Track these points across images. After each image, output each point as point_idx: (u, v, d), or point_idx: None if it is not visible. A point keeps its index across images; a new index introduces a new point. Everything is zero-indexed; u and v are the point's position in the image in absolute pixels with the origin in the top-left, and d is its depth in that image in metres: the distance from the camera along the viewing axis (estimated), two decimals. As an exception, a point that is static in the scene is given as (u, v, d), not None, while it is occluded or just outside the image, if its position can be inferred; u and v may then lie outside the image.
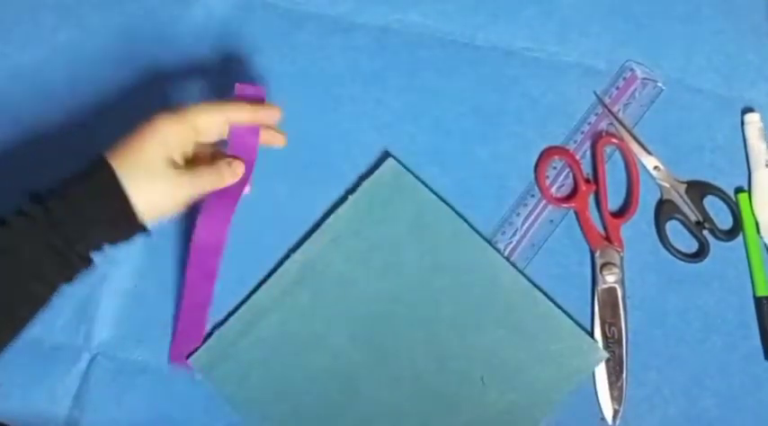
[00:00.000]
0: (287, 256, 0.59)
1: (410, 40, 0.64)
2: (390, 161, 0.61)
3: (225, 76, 0.63)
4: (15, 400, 0.56)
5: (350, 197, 0.60)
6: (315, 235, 0.59)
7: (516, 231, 0.60)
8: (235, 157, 0.53)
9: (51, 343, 0.57)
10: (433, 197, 0.60)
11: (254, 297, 0.58)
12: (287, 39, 0.64)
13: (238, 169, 0.53)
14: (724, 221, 0.61)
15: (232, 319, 0.58)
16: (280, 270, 0.59)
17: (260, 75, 0.63)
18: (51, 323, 0.57)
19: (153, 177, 0.48)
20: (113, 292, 0.58)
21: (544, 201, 0.61)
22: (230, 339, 0.57)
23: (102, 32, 0.64)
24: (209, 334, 0.57)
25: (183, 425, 0.56)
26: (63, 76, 0.63)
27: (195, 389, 0.57)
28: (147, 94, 0.63)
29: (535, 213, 0.61)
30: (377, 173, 0.60)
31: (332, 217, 0.59)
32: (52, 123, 0.62)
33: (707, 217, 0.60)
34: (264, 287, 0.58)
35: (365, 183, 0.60)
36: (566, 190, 0.62)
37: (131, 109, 0.61)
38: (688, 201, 0.61)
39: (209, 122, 0.51)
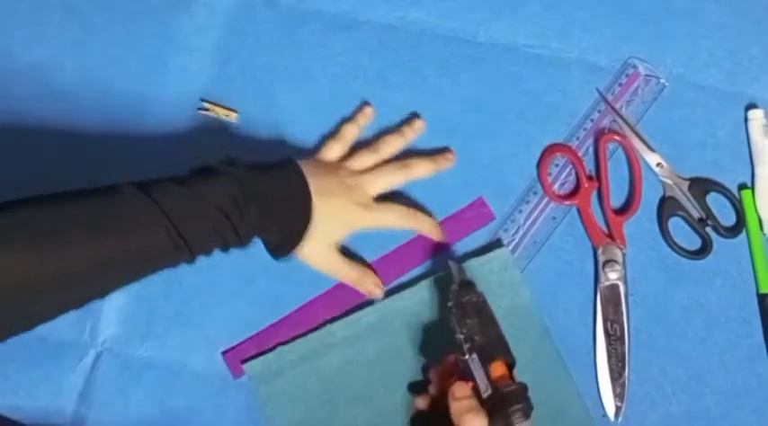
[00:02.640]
0: (371, 301, 0.58)
1: (412, 38, 0.64)
2: (504, 250, 0.59)
3: (228, 74, 0.64)
4: (22, 396, 0.57)
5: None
6: (404, 293, 0.58)
7: (519, 228, 0.60)
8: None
9: (57, 340, 0.58)
10: (530, 302, 0.58)
11: (327, 327, 0.57)
12: (289, 36, 0.65)
13: (377, 291, 0.58)
14: (727, 218, 0.61)
15: (299, 341, 0.57)
16: (360, 313, 0.58)
17: (263, 72, 0.64)
18: (57, 319, 0.58)
19: (323, 242, 0.55)
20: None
21: (546, 198, 0.61)
22: (290, 360, 0.57)
23: (107, 31, 0.64)
24: (273, 347, 0.57)
25: (189, 421, 0.57)
26: (68, 75, 0.63)
27: (201, 385, 0.57)
28: (152, 92, 0.63)
29: (537, 210, 0.61)
30: (487, 256, 0.58)
31: (425, 281, 0.58)
32: (57, 122, 0.62)
33: (710, 214, 0.60)
34: (340, 322, 0.58)
35: (471, 261, 0.58)
36: (568, 188, 0.62)
37: (136, 107, 0.63)
38: (691, 198, 0.60)
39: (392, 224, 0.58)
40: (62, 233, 0.44)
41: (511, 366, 0.48)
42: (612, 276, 0.59)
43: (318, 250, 0.55)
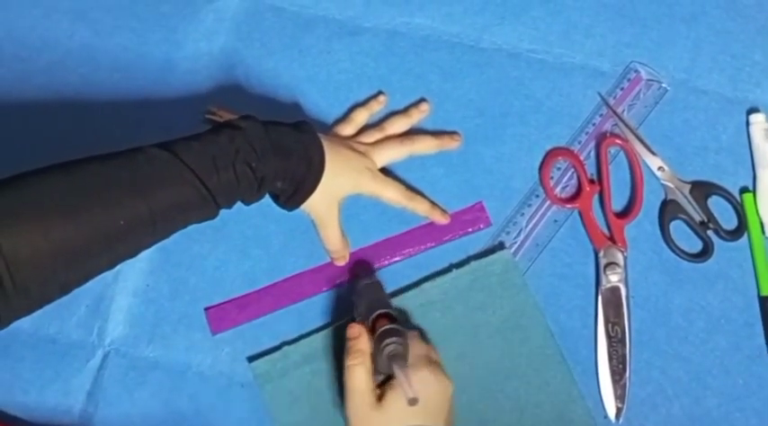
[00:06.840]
0: None
1: (416, 43, 0.65)
2: (506, 252, 0.59)
3: (234, 79, 0.65)
4: (31, 395, 0.57)
5: (454, 270, 0.59)
6: (407, 294, 0.58)
7: (521, 231, 0.61)
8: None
9: (66, 340, 0.59)
10: (534, 304, 0.58)
11: (332, 328, 0.58)
12: (295, 42, 0.65)
13: (341, 263, 0.60)
14: (728, 221, 0.61)
15: (304, 341, 0.58)
16: None
17: (268, 77, 0.64)
18: (66, 320, 0.59)
19: (329, 194, 0.55)
20: (126, 290, 0.60)
21: (548, 202, 0.62)
22: (295, 360, 0.57)
23: (115, 36, 0.66)
24: (278, 347, 0.58)
25: (194, 421, 0.57)
26: (77, 80, 0.64)
27: (206, 385, 0.58)
28: (159, 96, 0.64)
29: (539, 213, 0.61)
30: (489, 258, 0.59)
31: (428, 283, 0.59)
32: (66, 126, 0.63)
33: (711, 217, 0.61)
34: (345, 324, 0.57)
35: (474, 264, 0.59)
36: (570, 191, 0.62)
37: (144, 111, 0.64)
38: (692, 201, 0.61)
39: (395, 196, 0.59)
40: (91, 195, 0.45)
41: (393, 318, 0.52)
42: (614, 278, 0.59)
43: (322, 201, 0.56)
